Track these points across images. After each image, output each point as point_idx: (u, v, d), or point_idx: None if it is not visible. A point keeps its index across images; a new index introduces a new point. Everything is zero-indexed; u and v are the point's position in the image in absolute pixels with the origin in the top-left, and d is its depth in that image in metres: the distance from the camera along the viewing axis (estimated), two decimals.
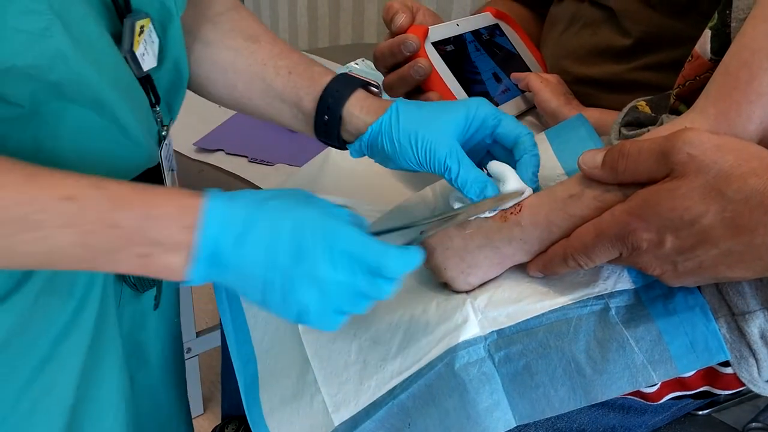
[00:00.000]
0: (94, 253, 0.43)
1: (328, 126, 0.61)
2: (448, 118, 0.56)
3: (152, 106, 0.58)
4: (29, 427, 0.55)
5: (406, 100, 0.59)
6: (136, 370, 0.67)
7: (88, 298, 0.58)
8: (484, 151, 0.60)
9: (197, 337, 1.38)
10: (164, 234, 0.44)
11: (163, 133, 0.60)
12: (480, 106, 0.57)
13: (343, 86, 0.61)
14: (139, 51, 0.53)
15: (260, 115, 0.66)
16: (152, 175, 0.60)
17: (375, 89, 0.63)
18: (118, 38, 0.52)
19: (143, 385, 0.69)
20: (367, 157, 0.62)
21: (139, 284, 0.64)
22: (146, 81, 0.56)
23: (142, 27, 0.53)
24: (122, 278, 0.63)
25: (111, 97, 0.50)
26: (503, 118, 0.57)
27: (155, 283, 0.66)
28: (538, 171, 0.57)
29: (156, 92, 0.58)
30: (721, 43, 0.51)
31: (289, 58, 0.64)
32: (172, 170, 0.65)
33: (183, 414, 0.81)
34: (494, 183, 0.55)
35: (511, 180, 0.55)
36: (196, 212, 0.44)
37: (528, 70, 0.80)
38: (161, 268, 0.45)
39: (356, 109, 0.60)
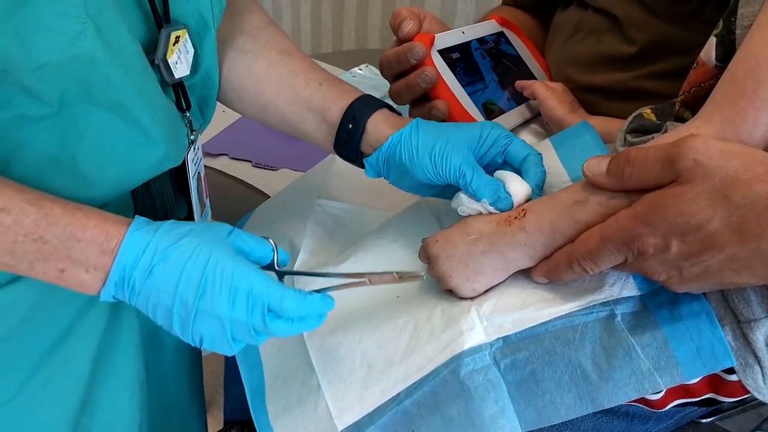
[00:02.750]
0: (17, 260, 0.48)
1: (350, 135, 0.64)
2: (463, 134, 0.59)
3: (182, 111, 0.61)
4: (44, 399, 0.58)
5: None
6: (151, 358, 0.69)
7: None
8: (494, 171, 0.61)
9: None
10: (84, 255, 0.48)
11: (192, 138, 0.63)
12: (494, 127, 0.60)
13: (370, 102, 0.65)
14: (172, 59, 0.56)
15: (281, 123, 0.69)
16: (180, 175, 0.65)
17: (398, 114, 0.66)
18: (154, 46, 0.56)
19: (157, 373, 0.71)
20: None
21: None
22: (178, 87, 0.60)
23: (177, 37, 0.56)
24: None
25: (134, 101, 0.53)
26: (514, 139, 0.60)
27: None
28: (542, 185, 0.58)
29: (187, 98, 0.61)
30: (726, 51, 0.51)
31: (320, 73, 0.68)
32: (199, 173, 0.68)
33: (195, 407, 0.82)
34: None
35: (512, 182, 0.56)
36: (116, 240, 0.49)
37: (533, 77, 0.80)
38: (76, 283, 0.49)
39: (380, 121, 0.63)
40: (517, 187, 0.56)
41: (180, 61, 0.58)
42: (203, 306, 0.48)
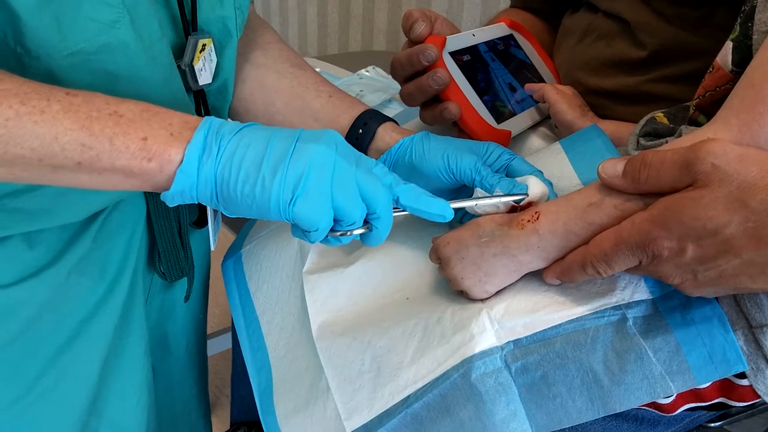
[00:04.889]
0: (96, 138, 0.43)
1: (358, 141, 0.65)
2: (471, 145, 0.60)
3: None
4: (53, 400, 0.58)
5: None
6: (159, 361, 0.70)
7: (118, 283, 0.62)
8: None
9: None
10: (167, 122, 0.45)
11: None
12: (498, 146, 0.61)
13: (380, 114, 0.66)
14: (197, 66, 0.57)
15: None
16: None
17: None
18: (178, 53, 0.56)
19: (164, 376, 0.72)
20: None
21: (167, 273, 0.66)
22: (199, 95, 0.61)
23: (204, 45, 0.57)
24: (152, 267, 0.67)
25: (159, 96, 0.53)
26: (517, 157, 0.61)
27: (184, 273, 0.68)
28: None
29: (207, 106, 0.62)
30: (743, 56, 0.51)
31: (330, 86, 0.70)
32: None
33: (202, 410, 0.82)
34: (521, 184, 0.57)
35: (529, 179, 0.57)
36: (196, 120, 0.46)
37: (542, 80, 0.81)
38: (161, 150, 0.44)
39: (390, 129, 0.65)
40: (534, 182, 0.56)
41: (204, 68, 0.59)
42: (305, 135, 0.45)
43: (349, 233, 0.47)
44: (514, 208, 0.57)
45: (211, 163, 0.44)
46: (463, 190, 0.62)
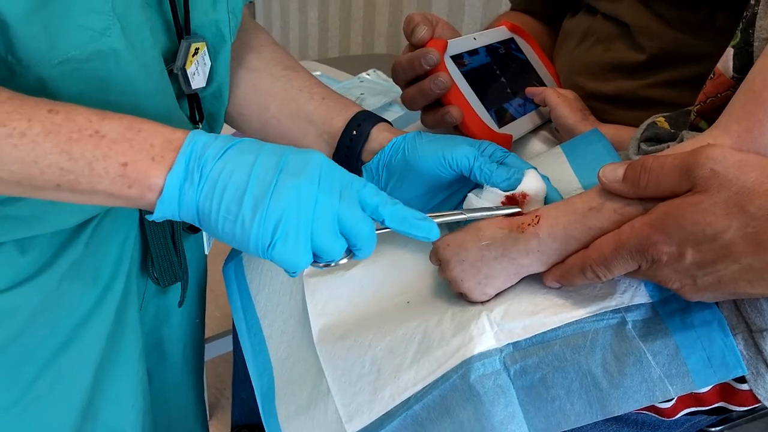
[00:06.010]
0: (75, 162, 0.43)
1: (353, 142, 0.65)
2: (465, 141, 0.60)
3: (195, 122, 0.62)
4: (47, 404, 0.58)
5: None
6: (155, 365, 0.70)
7: (111, 288, 0.61)
8: None
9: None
10: (149, 143, 0.44)
11: None
12: (491, 143, 0.60)
13: (373, 115, 0.66)
14: (190, 70, 0.57)
15: (281, 138, 0.69)
16: None
17: None
18: (171, 57, 0.56)
19: (160, 381, 0.71)
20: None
21: (161, 279, 0.66)
22: (193, 98, 0.61)
23: (197, 49, 0.58)
24: (146, 272, 0.66)
25: (150, 104, 0.53)
26: (511, 154, 0.60)
27: (177, 278, 0.68)
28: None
29: (201, 109, 0.62)
30: (744, 62, 0.51)
31: (323, 88, 0.69)
32: None
33: (200, 416, 0.82)
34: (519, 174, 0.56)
35: (527, 173, 0.56)
36: (182, 134, 0.45)
37: (543, 84, 0.81)
38: (140, 176, 0.44)
39: (384, 129, 0.65)
40: (532, 174, 0.56)
41: (197, 72, 0.58)
42: (285, 178, 0.44)
43: (332, 264, 0.48)
44: (510, 199, 0.57)
45: (193, 194, 0.44)
46: (460, 191, 0.62)
